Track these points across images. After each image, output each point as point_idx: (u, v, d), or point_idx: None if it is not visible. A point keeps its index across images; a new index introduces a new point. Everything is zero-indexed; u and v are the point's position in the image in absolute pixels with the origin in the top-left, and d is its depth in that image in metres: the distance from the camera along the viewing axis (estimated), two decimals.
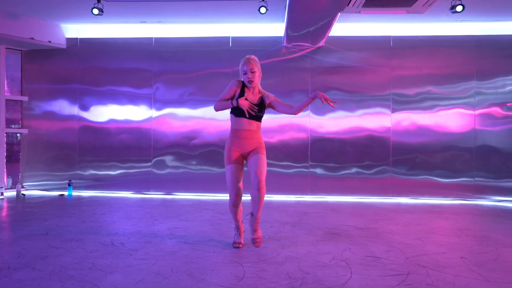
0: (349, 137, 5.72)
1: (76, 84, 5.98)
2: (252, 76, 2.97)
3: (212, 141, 5.85)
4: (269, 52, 5.77)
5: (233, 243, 3.05)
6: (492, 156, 5.55)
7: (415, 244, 3.18)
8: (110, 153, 5.94)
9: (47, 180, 6.03)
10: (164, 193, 5.93)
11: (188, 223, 3.95)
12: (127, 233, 3.45)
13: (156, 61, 5.91)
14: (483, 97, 5.58)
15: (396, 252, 2.94)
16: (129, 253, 2.83)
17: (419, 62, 5.66)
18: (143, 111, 5.93)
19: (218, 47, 5.85)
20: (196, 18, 5.50)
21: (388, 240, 3.31)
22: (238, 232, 3.10)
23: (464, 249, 3.02)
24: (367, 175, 5.70)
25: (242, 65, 3.01)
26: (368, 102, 5.70)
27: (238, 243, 3.03)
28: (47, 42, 5.67)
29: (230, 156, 3.02)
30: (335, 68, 5.74)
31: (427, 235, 3.51)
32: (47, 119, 6.01)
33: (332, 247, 3.06)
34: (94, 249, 2.93)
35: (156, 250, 2.91)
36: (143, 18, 5.52)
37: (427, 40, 5.64)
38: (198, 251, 2.91)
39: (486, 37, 5.56)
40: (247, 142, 3.04)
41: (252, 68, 2.97)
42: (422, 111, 5.64)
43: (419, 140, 5.65)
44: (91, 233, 3.43)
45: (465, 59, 5.60)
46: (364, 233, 3.55)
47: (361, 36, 5.71)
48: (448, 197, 5.62)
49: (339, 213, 4.61)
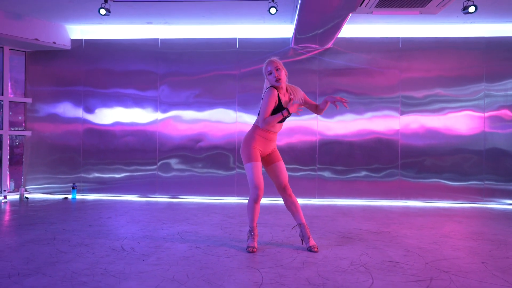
0: (357, 140, 5.66)
1: (80, 86, 5.91)
2: (278, 74, 2.91)
3: (219, 143, 5.78)
4: (276, 54, 5.67)
5: (247, 248, 2.97)
6: (501, 159, 5.49)
7: (431, 248, 3.10)
8: (115, 156, 5.86)
9: (50, 183, 5.94)
10: (170, 196, 5.84)
11: (198, 227, 3.87)
12: (137, 238, 3.37)
13: (162, 63, 5.85)
14: (492, 99, 5.52)
15: (414, 256, 2.86)
16: (141, 259, 2.74)
17: (428, 64, 5.61)
18: (148, 113, 5.86)
19: (224, 49, 5.80)
20: (202, 19, 5.44)
21: (404, 244, 3.24)
22: (252, 236, 3.03)
23: (484, 254, 2.95)
24: (375, 178, 5.63)
25: (266, 67, 2.97)
26: (376, 105, 5.64)
27: (252, 247, 2.95)
28: (51, 43, 5.61)
29: (255, 154, 3.00)
30: (343, 70, 5.68)
31: (443, 239, 3.43)
32: (51, 122, 5.93)
33: (348, 252, 2.98)
34: (105, 254, 2.84)
35: (169, 255, 2.83)
36: (149, 19, 5.46)
37: (436, 42, 5.60)
38: (211, 256, 2.83)
39: (496, 38, 5.51)
40: (271, 143, 3.08)
41: (276, 66, 2.92)
42: (431, 113, 5.59)
43: (428, 142, 5.58)
44: (100, 238, 3.34)
45: (474, 61, 5.55)
46: (378, 237, 3.48)
47: (370, 37, 5.67)
48: (457, 200, 5.55)
49: (350, 216, 4.54)
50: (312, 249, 2.97)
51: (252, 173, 2.96)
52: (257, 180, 2.95)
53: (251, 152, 3.00)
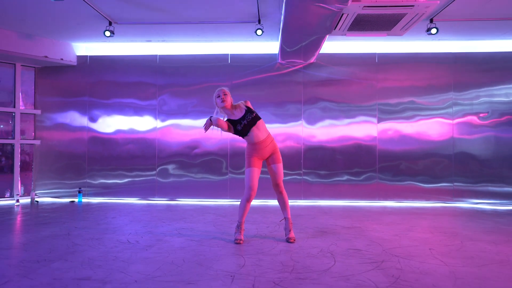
0: (339, 146, 6.21)
1: (85, 97, 6.45)
2: (225, 97, 3.50)
3: (213, 150, 6.32)
4: (265, 68, 6.28)
5: (235, 240, 3.50)
6: (469, 162, 6.06)
7: (392, 239, 3.65)
8: (117, 163, 6.39)
9: (58, 188, 6.45)
10: (168, 199, 6.36)
11: (193, 224, 4.40)
12: (140, 233, 3.89)
13: (160, 76, 6.40)
14: (460, 108, 6.11)
15: (375, 245, 3.40)
16: (145, 249, 3.27)
17: (402, 76, 6.20)
18: (148, 122, 6.40)
19: (217, 63, 6.36)
20: (197, 38, 6.00)
21: (370, 236, 3.78)
22: (239, 230, 3.55)
23: (434, 243, 3.50)
24: (355, 181, 6.18)
25: (216, 93, 3.57)
26: (355, 113, 6.21)
27: (239, 239, 3.48)
28: (59, 59, 6.14)
29: (252, 161, 3.54)
30: (325, 81, 6.25)
31: (405, 232, 3.98)
32: (58, 131, 6.45)
33: (320, 242, 3.52)
34: (114, 245, 3.37)
35: (168, 246, 3.36)
36: (148, 37, 6.01)
37: (409, 57, 6.18)
38: (204, 246, 3.35)
39: (463, 54, 6.11)
40: (265, 149, 3.58)
41: (224, 92, 3.53)
42: (405, 120, 6.16)
43: (403, 148, 6.15)
44: (108, 233, 3.86)
45: (443, 74, 6.14)
46: (350, 231, 4.02)
47: (349, 53, 6.25)
48: (429, 200, 6.10)
49: (330, 215, 5.08)
50: (289, 240, 3.51)
51: (247, 176, 3.52)
52: (251, 183, 3.49)
53: (249, 159, 3.56)
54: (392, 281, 2.49)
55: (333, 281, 2.48)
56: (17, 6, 4.77)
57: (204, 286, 2.38)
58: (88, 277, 2.53)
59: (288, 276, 2.58)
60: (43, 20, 5.24)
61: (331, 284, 2.42)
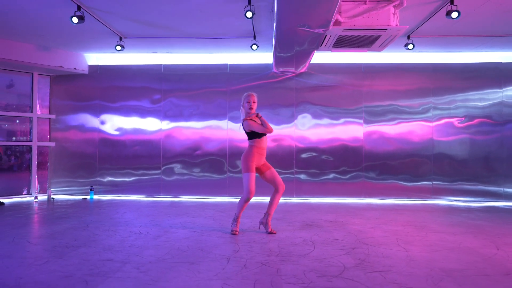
0: (328, 147, 6.79)
1: (96, 101, 7.03)
2: (254, 105, 4.16)
3: (213, 151, 6.90)
4: (260, 76, 6.85)
5: (231, 231, 4.08)
6: (447, 162, 6.64)
7: (367, 231, 4.23)
8: (125, 162, 6.98)
9: (71, 186, 7.04)
10: (172, 196, 6.96)
11: (195, 218, 4.98)
12: (149, 226, 4.48)
13: (165, 83, 6.98)
14: (438, 112, 6.68)
15: (351, 236, 3.99)
16: (155, 238, 3.86)
17: (387, 84, 6.77)
18: (153, 125, 6.98)
19: (217, 71, 6.94)
20: (199, 49, 6.58)
21: (349, 229, 4.36)
22: (236, 223, 4.14)
23: (402, 234, 4.08)
24: (343, 180, 6.76)
25: (247, 96, 4.18)
26: (343, 116, 6.79)
27: (235, 230, 4.07)
28: (72, 69, 6.73)
29: (252, 166, 4.04)
30: (315, 87, 6.83)
31: (380, 225, 4.56)
32: (71, 133, 7.04)
33: (304, 234, 4.10)
34: (128, 235, 3.96)
35: (174, 236, 3.95)
36: (154, 49, 6.59)
37: (393, 67, 6.75)
38: (205, 236, 3.94)
39: (441, 64, 6.69)
40: (263, 157, 4.15)
41: (254, 99, 4.16)
42: (388, 123, 6.73)
43: (386, 149, 6.73)
44: (121, 226, 4.45)
45: (423, 81, 6.71)
46: (332, 225, 4.60)
47: (337, 63, 6.82)
48: (411, 198, 6.69)
49: (317, 211, 5.66)
50: (272, 232, 4.09)
51: (248, 181, 4.01)
52: (251, 187, 4.02)
53: (249, 164, 4.05)
54: (358, 262, 3.07)
55: (310, 263, 3.06)
56: (35, 21, 5.33)
57: (205, 266, 2.97)
58: (110, 259, 3.12)
59: (274, 259, 3.17)
60: (59, 34, 5.81)
61: (308, 265, 3.01)
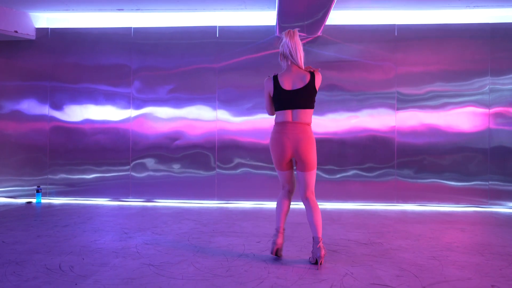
0: (350, 138, 5.15)
1: (46, 80, 5.40)
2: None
3: (197, 142, 5.27)
4: (260, 44, 5.21)
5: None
6: (508, 158, 4.99)
7: (431, 265, 2.60)
8: (84, 156, 5.36)
9: (14, 186, 5.44)
10: (144, 200, 5.34)
11: (162, 237, 3.37)
12: (84, 252, 2.86)
13: (135, 55, 5.34)
14: (498, 94, 5.01)
15: (409, 277, 2.36)
16: (74, 282, 2.24)
17: (427, 54, 5.10)
18: (120, 110, 5.36)
19: (203, 39, 5.29)
20: (178, 5, 4.93)
21: (398, 260, 2.73)
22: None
23: (493, 273, 2.45)
24: (369, 179, 5.12)
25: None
26: (370, 100, 5.13)
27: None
28: (12, 32, 5.10)
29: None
30: (333, 62, 5.17)
31: (444, 252, 2.93)
32: (15, 119, 5.43)
33: (329, 271, 2.47)
34: (33, 276, 2.34)
35: (110, 277, 2.33)
36: (120, 5, 4.95)
37: (436, 29, 5.08)
38: (162, 278, 2.32)
39: (502, 25, 5.00)
40: None
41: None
42: (430, 109, 5.08)
43: (427, 140, 5.08)
44: (40, 253, 2.84)
45: (478, 51, 5.04)
46: (369, 250, 2.97)
47: (363, 24, 5.16)
48: (459, 203, 5.04)
49: (339, 223, 4.03)
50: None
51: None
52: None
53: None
54: None
55: None
56: None
57: None
58: None
59: None
60: None
61: None
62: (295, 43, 2.62)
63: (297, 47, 2.62)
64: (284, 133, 2.59)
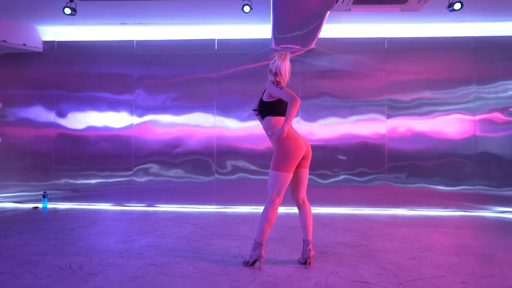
0: (342, 144, 5.39)
1: (53, 89, 5.66)
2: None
3: (197, 149, 5.52)
4: (256, 56, 5.47)
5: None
6: (493, 163, 5.23)
7: (410, 265, 2.83)
8: (88, 162, 5.61)
9: (21, 191, 5.68)
10: (146, 205, 5.58)
11: (163, 240, 3.60)
12: (91, 253, 3.10)
13: (138, 65, 5.60)
14: (483, 102, 5.27)
15: (389, 275, 2.59)
16: (84, 279, 2.48)
17: (415, 65, 5.36)
18: (123, 118, 5.61)
19: (203, 50, 5.55)
20: (178, 19, 5.20)
21: (381, 260, 2.96)
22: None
23: (465, 272, 2.68)
24: (360, 184, 5.36)
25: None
26: (361, 108, 5.39)
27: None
28: (21, 45, 5.36)
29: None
30: (326, 72, 5.43)
31: (424, 253, 3.16)
32: (22, 127, 5.68)
33: (316, 270, 2.71)
34: (46, 274, 2.58)
35: (117, 275, 2.56)
36: (123, 19, 5.22)
37: (424, 42, 5.35)
38: (163, 276, 2.56)
39: (486, 38, 5.26)
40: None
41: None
42: (418, 117, 5.33)
43: (416, 147, 5.32)
44: (50, 254, 3.07)
45: (464, 62, 5.30)
46: (355, 252, 3.21)
47: (354, 37, 5.42)
48: (448, 207, 5.27)
49: (330, 227, 4.27)
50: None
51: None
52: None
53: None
54: None
55: None
56: None
57: None
58: None
59: None
60: None
61: None
62: (285, 65, 2.85)
63: (286, 69, 2.85)
64: (298, 134, 2.84)
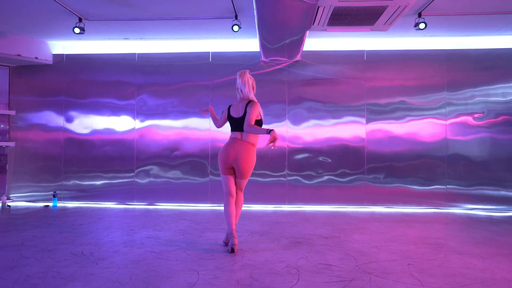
0: (325, 147, 5.90)
1: (61, 96, 6.20)
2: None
3: (193, 152, 6.04)
4: (247, 66, 5.97)
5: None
6: (463, 164, 5.72)
7: (370, 252, 3.34)
8: (94, 164, 6.13)
9: (33, 192, 6.21)
10: (147, 203, 6.10)
11: (162, 233, 4.11)
12: (99, 243, 3.62)
13: (139, 75, 6.13)
14: (453, 108, 5.77)
15: (349, 260, 3.10)
16: (95, 262, 2.99)
17: (392, 74, 5.87)
18: (126, 123, 6.13)
19: (198, 62, 6.07)
20: (176, 35, 5.72)
21: (347, 248, 3.47)
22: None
23: (415, 257, 3.18)
24: (342, 184, 5.86)
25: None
26: (343, 113, 5.90)
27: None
28: (33, 58, 5.89)
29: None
30: (311, 80, 5.94)
31: (386, 243, 3.67)
32: (34, 132, 6.21)
33: (290, 256, 3.22)
34: (63, 258, 3.09)
35: (122, 259, 3.08)
36: (126, 35, 5.74)
37: (400, 54, 5.86)
38: (161, 260, 3.07)
39: (456, 51, 5.77)
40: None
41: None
42: (395, 121, 5.83)
43: (393, 149, 5.83)
44: (65, 243, 3.59)
45: (436, 72, 5.81)
46: (326, 242, 3.72)
47: (336, 50, 5.93)
48: (421, 205, 5.78)
49: (311, 222, 4.77)
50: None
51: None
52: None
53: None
54: None
55: None
56: None
57: None
58: None
59: None
60: (12, 16, 4.98)
61: None
62: (244, 81, 3.38)
63: (245, 84, 3.38)
64: (231, 145, 3.36)
